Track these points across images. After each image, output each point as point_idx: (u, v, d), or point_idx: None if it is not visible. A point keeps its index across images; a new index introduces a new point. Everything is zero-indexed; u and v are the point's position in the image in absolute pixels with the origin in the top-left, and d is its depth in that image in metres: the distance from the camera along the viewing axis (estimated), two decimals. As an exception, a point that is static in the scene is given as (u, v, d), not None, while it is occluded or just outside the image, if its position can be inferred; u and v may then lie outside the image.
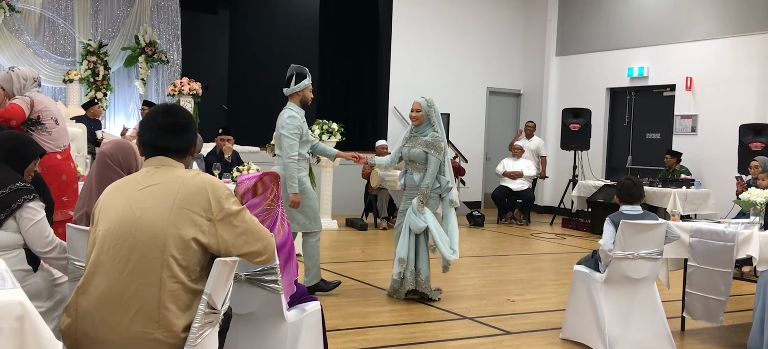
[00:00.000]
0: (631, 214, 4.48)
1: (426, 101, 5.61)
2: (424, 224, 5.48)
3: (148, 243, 2.34)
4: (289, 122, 5.46)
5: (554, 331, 4.93)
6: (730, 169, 9.81)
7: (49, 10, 11.01)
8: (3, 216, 3.16)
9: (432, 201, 5.57)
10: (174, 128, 2.54)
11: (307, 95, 5.60)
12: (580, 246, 9.18)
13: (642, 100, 12.24)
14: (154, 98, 11.54)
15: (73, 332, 2.38)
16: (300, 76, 5.59)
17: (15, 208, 3.16)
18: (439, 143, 5.52)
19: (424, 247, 5.61)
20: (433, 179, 5.53)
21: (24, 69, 5.15)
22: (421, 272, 5.61)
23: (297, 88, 5.56)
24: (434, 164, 5.50)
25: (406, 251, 5.55)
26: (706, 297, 4.72)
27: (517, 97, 14.04)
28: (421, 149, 5.53)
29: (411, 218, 5.52)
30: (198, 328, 2.34)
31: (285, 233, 3.16)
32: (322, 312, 3.53)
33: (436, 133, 5.55)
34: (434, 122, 5.58)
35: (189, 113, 2.66)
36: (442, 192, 5.61)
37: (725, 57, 10.75)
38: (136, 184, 2.49)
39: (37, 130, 4.98)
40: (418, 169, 5.58)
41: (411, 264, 5.57)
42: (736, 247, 4.55)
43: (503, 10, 13.56)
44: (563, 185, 12.06)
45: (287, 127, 5.44)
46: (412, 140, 5.62)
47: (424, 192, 5.49)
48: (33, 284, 3.25)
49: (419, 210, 5.49)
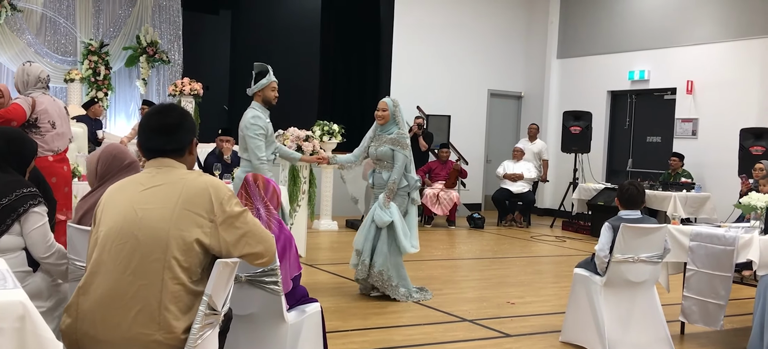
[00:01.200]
0: (630, 218, 4.48)
1: (392, 101, 5.81)
2: (390, 218, 5.58)
3: (150, 244, 2.34)
4: (253, 122, 5.27)
5: (554, 334, 4.93)
6: (731, 173, 9.81)
7: (50, 10, 11.02)
8: (9, 221, 3.17)
9: (400, 199, 5.71)
10: (165, 129, 2.53)
11: (269, 94, 5.39)
12: (580, 249, 9.18)
13: (643, 104, 12.25)
14: (155, 98, 11.55)
15: (73, 332, 2.38)
16: (260, 74, 5.41)
17: (21, 213, 3.17)
18: (404, 140, 5.69)
19: (384, 241, 5.65)
20: (400, 174, 5.65)
21: (35, 66, 5.15)
22: (376, 265, 5.64)
23: (257, 87, 5.36)
24: (401, 161, 5.64)
25: (362, 242, 5.68)
26: (705, 301, 4.73)
27: (518, 99, 14.05)
28: (388, 147, 5.68)
29: (376, 212, 5.63)
30: (198, 329, 2.34)
31: (274, 231, 3.16)
32: (323, 313, 3.53)
33: (400, 131, 5.71)
34: (399, 121, 5.75)
35: (182, 112, 2.62)
36: (409, 190, 5.74)
37: (726, 61, 10.75)
38: (139, 185, 2.49)
39: (30, 131, 4.96)
40: (385, 167, 5.72)
41: (365, 255, 5.65)
42: (736, 251, 4.55)
43: (505, 12, 13.56)
44: (563, 187, 12.06)
45: (251, 129, 5.27)
46: (378, 139, 5.77)
47: (391, 187, 5.62)
48: (33, 283, 3.25)
49: (385, 204, 5.60)
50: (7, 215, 3.15)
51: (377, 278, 5.66)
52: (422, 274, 6.93)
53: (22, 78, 5.06)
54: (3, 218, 3.15)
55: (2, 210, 3.15)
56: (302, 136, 7.74)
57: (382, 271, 5.64)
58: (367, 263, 5.66)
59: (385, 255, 5.64)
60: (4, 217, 3.15)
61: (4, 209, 3.15)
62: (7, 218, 3.15)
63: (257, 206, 3.25)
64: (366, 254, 5.67)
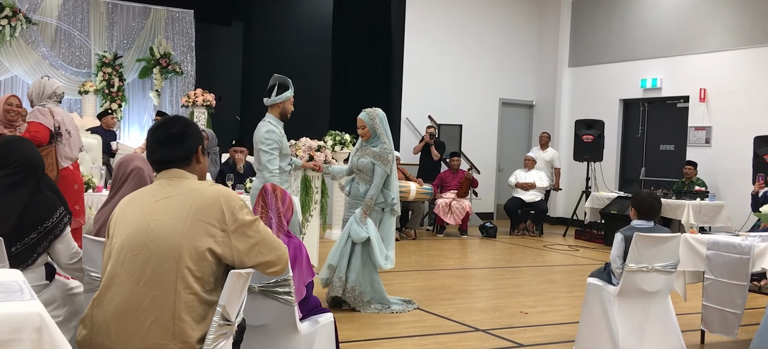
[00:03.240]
0: (643, 228, 4.45)
1: (368, 115, 5.64)
2: (366, 234, 5.47)
3: (163, 254, 2.36)
4: (268, 136, 5.28)
5: (568, 343, 4.90)
6: (745, 181, 9.74)
7: (65, 23, 11.14)
8: (47, 243, 3.18)
9: (375, 214, 5.58)
10: (168, 140, 2.55)
11: (288, 107, 5.42)
12: (593, 258, 9.13)
13: (655, 112, 12.19)
14: (168, 109, 11.63)
15: (89, 344, 2.40)
16: (282, 87, 5.43)
17: (58, 234, 3.20)
18: (387, 155, 5.54)
19: (358, 257, 5.54)
20: (378, 190, 5.53)
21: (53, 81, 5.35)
22: (349, 280, 5.54)
23: (278, 99, 5.37)
24: (380, 176, 5.51)
25: (337, 259, 5.57)
26: (722, 310, 4.69)
27: (530, 108, 14.02)
28: (369, 160, 5.56)
29: (353, 227, 5.53)
30: (212, 339, 2.35)
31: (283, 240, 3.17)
32: (336, 324, 3.53)
33: (384, 146, 5.57)
34: (380, 133, 5.60)
35: (186, 122, 2.64)
36: (384, 207, 5.61)
37: (739, 68, 10.69)
38: (151, 196, 2.51)
39: (57, 141, 5.10)
40: (364, 180, 5.61)
41: (340, 271, 5.54)
42: (752, 260, 4.51)
43: (516, 20, 13.56)
44: (576, 196, 12.01)
45: (265, 143, 5.28)
46: (362, 149, 5.66)
47: (368, 203, 5.51)
48: (47, 292, 3.28)
49: (362, 221, 5.50)
50: (47, 236, 3.16)
51: (349, 294, 5.56)
52: (435, 283, 6.92)
53: (37, 90, 5.23)
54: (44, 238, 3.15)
55: (46, 232, 3.15)
56: (314, 146, 7.77)
57: (354, 286, 5.53)
58: (343, 279, 5.54)
59: (358, 271, 5.54)
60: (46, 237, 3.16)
61: (48, 231, 3.15)
62: (47, 239, 3.17)
63: (271, 215, 3.27)
64: (342, 270, 5.54)
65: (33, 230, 3.07)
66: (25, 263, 3.07)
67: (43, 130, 5.00)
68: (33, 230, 3.07)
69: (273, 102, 5.38)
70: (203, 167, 2.64)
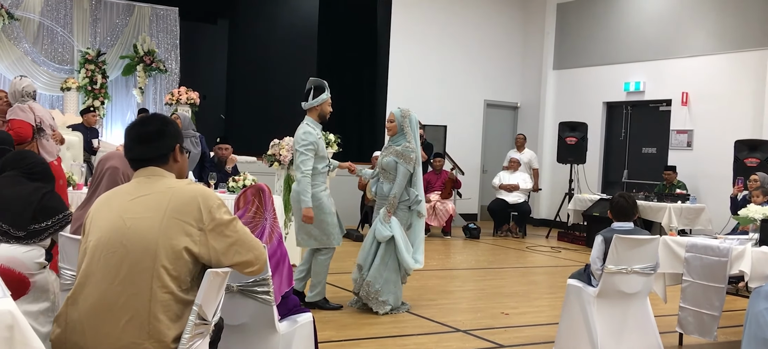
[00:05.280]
0: (623, 230, 4.49)
1: (400, 112, 5.66)
2: (390, 232, 5.47)
3: (139, 253, 2.34)
4: (304, 138, 5.48)
5: (548, 344, 4.93)
6: (725, 184, 9.84)
7: (47, 19, 11.04)
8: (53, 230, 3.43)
9: (401, 213, 5.58)
10: (144, 138, 2.54)
11: (326, 109, 5.63)
12: (575, 260, 9.19)
13: (638, 115, 12.28)
14: (151, 107, 11.55)
15: (63, 343, 2.38)
16: (318, 89, 5.62)
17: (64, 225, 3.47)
18: (409, 154, 5.53)
19: (380, 255, 5.54)
20: (402, 189, 5.53)
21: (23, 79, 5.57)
22: (367, 277, 5.56)
23: (315, 102, 5.58)
24: (402, 174, 5.51)
25: (364, 258, 5.62)
26: (700, 312, 4.74)
27: (515, 110, 14.08)
28: (392, 158, 5.56)
29: (377, 227, 5.55)
30: (188, 339, 2.34)
31: (273, 245, 3.17)
32: (315, 324, 3.53)
33: (408, 144, 5.57)
34: (408, 133, 5.61)
35: (163, 120, 2.62)
36: (410, 204, 5.61)
37: (721, 73, 10.80)
38: (127, 194, 2.49)
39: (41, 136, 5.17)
40: (388, 179, 5.61)
41: (365, 271, 5.58)
42: (729, 262, 4.56)
43: (501, 23, 13.62)
44: (559, 198, 12.08)
45: (301, 143, 5.47)
46: (387, 149, 5.70)
47: (392, 202, 5.51)
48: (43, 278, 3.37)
49: (386, 219, 5.50)
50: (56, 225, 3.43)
51: (364, 290, 5.57)
52: (417, 284, 6.93)
53: (12, 90, 5.47)
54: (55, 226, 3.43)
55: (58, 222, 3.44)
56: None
57: (370, 282, 5.55)
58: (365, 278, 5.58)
59: (377, 268, 5.55)
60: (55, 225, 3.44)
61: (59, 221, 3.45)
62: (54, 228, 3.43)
63: (266, 217, 3.25)
64: (367, 269, 5.59)
65: (49, 218, 3.43)
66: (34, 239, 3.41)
67: (25, 127, 5.09)
68: (49, 218, 3.43)
69: (310, 105, 5.60)
70: (181, 166, 2.62)
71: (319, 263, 5.64)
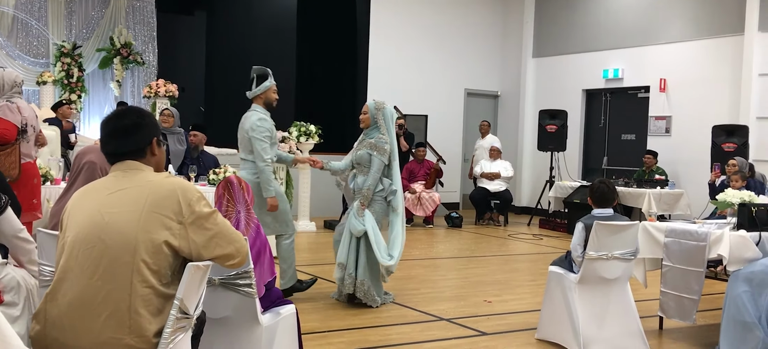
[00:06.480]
0: (603, 216, 4.53)
1: (374, 104, 5.62)
2: (363, 227, 5.38)
3: (118, 248, 2.32)
4: (260, 125, 5.34)
5: (530, 331, 4.96)
6: (704, 169, 9.94)
7: (22, 11, 10.86)
8: None
9: (377, 205, 5.51)
10: (120, 132, 2.50)
11: (271, 96, 5.51)
12: (556, 247, 9.25)
13: (617, 102, 12.37)
14: (129, 100, 11.43)
15: (42, 339, 2.35)
16: (262, 77, 5.49)
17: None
18: (383, 145, 5.48)
19: (363, 252, 5.48)
20: (375, 181, 5.47)
21: (9, 72, 5.24)
22: (358, 276, 5.48)
23: (259, 90, 5.46)
24: (377, 166, 5.46)
25: (345, 256, 5.49)
26: (679, 296, 4.79)
27: (495, 98, 14.12)
28: (366, 151, 5.52)
29: (350, 221, 5.46)
30: (170, 333, 2.32)
31: (252, 236, 3.15)
32: (298, 315, 3.52)
33: (381, 136, 5.52)
34: (381, 125, 5.56)
35: (139, 113, 2.57)
36: (385, 195, 5.54)
37: (698, 59, 10.90)
38: (105, 189, 2.46)
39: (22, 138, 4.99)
40: (363, 172, 5.55)
41: (350, 268, 5.48)
42: (708, 247, 4.61)
43: (480, 12, 13.63)
44: (540, 186, 12.15)
45: (258, 131, 5.33)
46: (360, 143, 5.63)
47: (365, 194, 5.45)
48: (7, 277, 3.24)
49: (359, 213, 5.43)
50: None
51: (359, 289, 5.50)
52: (400, 273, 6.93)
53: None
54: None
55: None
56: (278, 137, 7.69)
57: (363, 281, 5.49)
58: (353, 275, 5.48)
59: (364, 266, 5.49)
60: None
61: None
62: None
63: (239, 209, 3.23)
64: (351, 266, 5.48)
65: None
66: None
67: (10, 128, 4.89)
68: None
69: (255, 94, 5.49)
70: (159, 159, 2.58)
71: (284, 248, 5.61)
